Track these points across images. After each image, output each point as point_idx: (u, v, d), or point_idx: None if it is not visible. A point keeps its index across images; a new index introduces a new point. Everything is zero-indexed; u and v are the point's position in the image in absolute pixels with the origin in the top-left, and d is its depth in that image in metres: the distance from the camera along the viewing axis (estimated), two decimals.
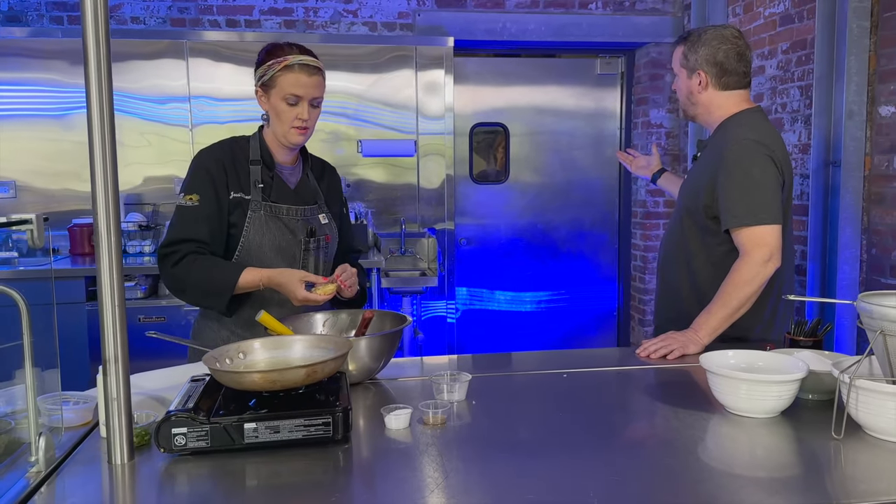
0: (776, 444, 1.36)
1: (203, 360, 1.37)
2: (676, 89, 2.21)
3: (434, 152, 4.24)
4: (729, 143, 2.02)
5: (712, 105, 2.12)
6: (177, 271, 1.79)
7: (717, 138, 2.11)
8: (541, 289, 4.85)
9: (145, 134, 3.97)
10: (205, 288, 1.79)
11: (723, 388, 1.46)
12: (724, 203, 1.98)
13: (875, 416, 1.30)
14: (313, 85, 1.85)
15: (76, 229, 3.80)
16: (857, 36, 2.96)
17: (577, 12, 4.35)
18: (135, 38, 3.93)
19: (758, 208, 1.93)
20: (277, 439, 1.29)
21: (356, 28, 4.20)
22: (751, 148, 1.98)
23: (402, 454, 1.32)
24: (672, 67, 2.21)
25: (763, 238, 1.92)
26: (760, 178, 1.96)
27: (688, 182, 2.21)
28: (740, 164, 1.97)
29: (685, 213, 2.15)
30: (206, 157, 1.88)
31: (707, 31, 2.10)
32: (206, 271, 1.80)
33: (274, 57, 1.84)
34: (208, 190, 1.83)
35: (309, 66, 1.84)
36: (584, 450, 1.34)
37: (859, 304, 1.35)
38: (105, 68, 1.25)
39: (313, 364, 1.30)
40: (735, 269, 1.94)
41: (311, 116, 1.87)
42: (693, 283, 2.13)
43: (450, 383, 1.57)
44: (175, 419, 1.26)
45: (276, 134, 1.88)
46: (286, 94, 1.82)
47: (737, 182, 1.96)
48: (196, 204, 1.81)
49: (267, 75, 1.83)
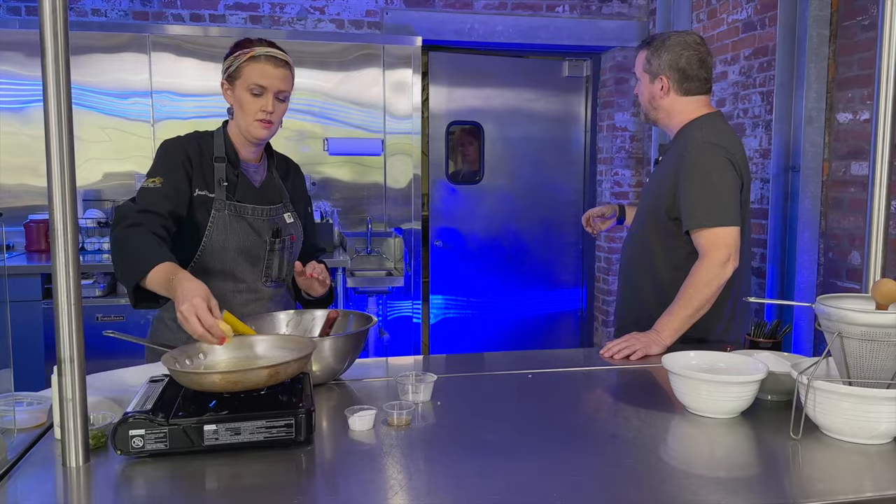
0: (736, 444, 1.38)
1: (162, 360, 1.34)
2: (639, 93, 2.22)
3: (401, 151, 4.23)
4: (688, 146, 2.04)
5: (673, 110, 2.14)
6: (120, 234, 1.65)
7: (677, 142, 2.13)
8: (511, 289, 4.86)
9: (105, 129, 3.89)
10: (125, 262, 1.62)
11: (684, 389, 1.48)
12: (684, 205, 2.00)
13: (831, 416, 1.32)
14: (279, 77, 1.81)
15: (32, 225, 3.71)
16: (816, 44, 3.02)
17: (545, 15, 4.37)
18: (95, 30, 3.85)
19: (716, 210, 1.96)
20: (238, 441, 1.26)
21: (323, 25, 4.17)
22: (710, 151, 2.01)
23: (366, 455, 1.31)
24: (635, 71, 2.22)
25: (722, 239, 1.94)
26: (719, 181, 1.98)
27: (649, 185, 2.23)
28: (699, 167, 1.99)
29: (647, 215, 2.18)
30: (173, 147, 1.83)
31: (670, 37, 2.12)
32: (137, 245, 1.62)
33: (241, 48, 1.82)
34: (173, 176, 1.78)
35: (276, 58, 1.81)
36: (548, 450, 1.34)
37: (818, 306, 1.38)
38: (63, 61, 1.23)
39: (276, 365, 1.29)
40: (695, 271, 1.96)
41: (277, 110, 1.83)
42: (655, 284, 2.15)
43: (415, 384, 1.56)
44: (133, 420, 1.23)
45: (240, 127, 1.84)
46: (250, 84, 1.79)
47: (696, 184, 1.98)
48: (159, 186, 1.75)
49: (233, 66, 1.80)
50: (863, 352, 1.32)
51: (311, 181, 4.13)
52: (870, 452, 1.31)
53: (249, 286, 1.87)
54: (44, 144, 1.28)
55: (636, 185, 4.61)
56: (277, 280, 1.93)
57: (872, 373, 1.33)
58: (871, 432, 1.30)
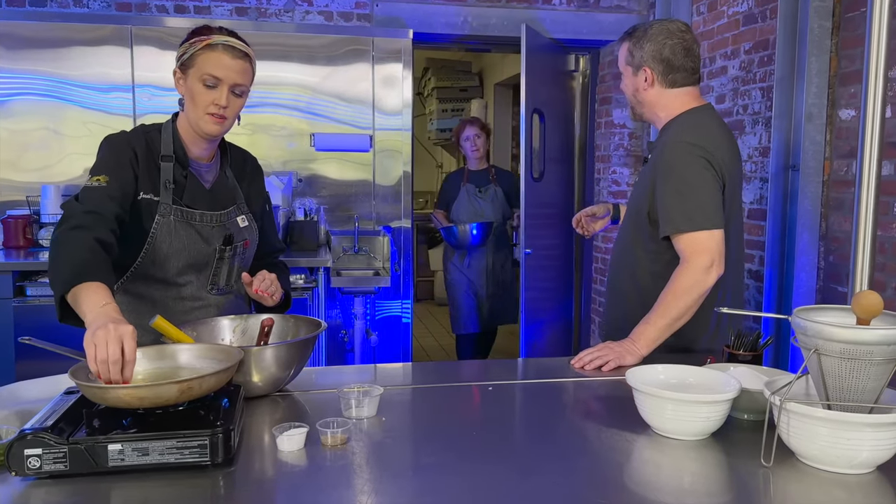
0: (703, 471, 1.25)
1: (69, 373, 1.22)
2: (624, 89, 2.08)
3: (391, 148, 4.11)
4: (665, 145, 1.92)
5: (658, 104, 2.00)
6: (62, 236, 1.48)
7: (660, 140, 2.00)
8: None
9: (87, 123, 3.79)
10: (56, 269, 1.44)
11: (648, 408, 1.35)
12: (661, 209, 1.88)
13: (807, 442, 1.19)
14: (237, 69, 1.67)
15: (10, 221, 3.61)
16: (818, 36, 2.87)
17: (541, 7, 4.23)
18: (77, 22, 3.75)
19: (695, 213, 1.83)
20: (146, 463, 1.15)
21: (311, 17, 4.05)
22: (685, 150, 1.87)
23: (292, 479, 1.20)
24: (619, 66, 2.08)
25: (703, 244, 1.81)
26: (696, 182, 1.85)
27: (635, 187, 2.11)
28: (675, 168, 1.87)
29: (630, 218, 2.05)
30: (118, 142, 1.68)
31: (653, 26, 1.97)
32: (75, 254, 1.44)
33: (197, 35, 1.67)
34: (119, 175, 1.63)
35: (234, 49, 1.67)
36: (492, 476, 1.21)
37: (794, 319, 1.24)
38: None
39: (189, 380, 1.17)
40: (675, 278, 1.83)
41: (231, 105, 1.68)
42: (638, 291, 2.02)
43: (359, 398, 1.44)
44: (29, 439, 1.12)
45: (190, 121, 1.69)
46: (204, 74, 1.64)
47: (672, 187, 1.86)
48: (104, 185, 1.60)
49: (187, 54, 1.65)
50: (842, 371, 1.18)
51: (298, 178, 4.02)
52: (850, 483, 1.17)
53: (194, 294, 1.74)
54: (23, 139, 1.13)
55: (634, 183, 4.46)
56: (225, 288, 1.81)
57: (853, 394, 1.20)
58: (850, 461, 1.17)
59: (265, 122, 3.92)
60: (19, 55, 3.71)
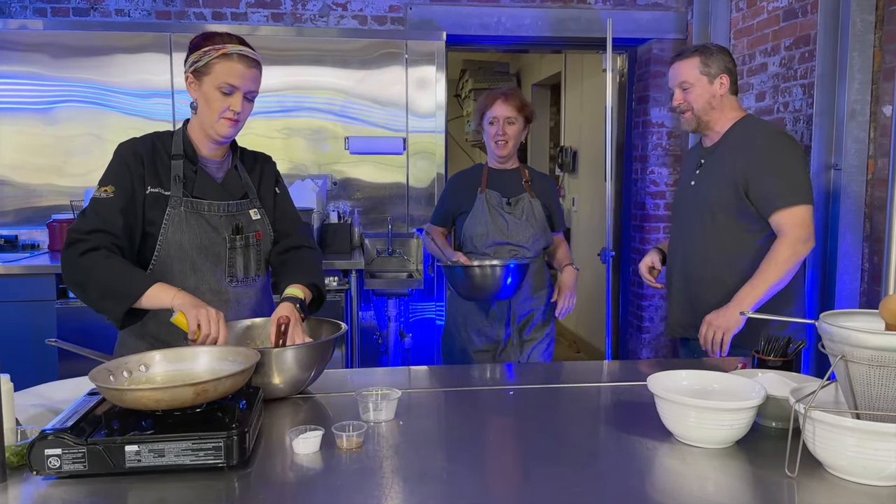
0: (727, 481, 1.22)
1: (90, 375, 1.25)
2: (687, 100, 2.25)
3: (424, 150, 4.11)
4: (758, 136, 2.17)
5: (727, 108, 2.24)
6: (84, 261, 1.62)
7: (733, 138, 2.22)
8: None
9: (128, 129, 3.86)
10: (106, 289, 1.61)
11: (671, 415, 1.32)
12: (764, 189, 2.10)
13: (834, 452, 1.15)
14: (250, 77, 1.75)
15: (55, 225, 3.72)
16: (860, 31, 2.77)
17: (576, 6, 4.19)
18: (118, 31, 3.85)
19: (796, 189, 2.08)
20: (162, 464, 1.16)
21: (346, 22, 4.08)
22: (780, 139, 2.16)
23: (305, 484, 1.20)
24: (683, 80, 2.25)
25: (802, 218, 2.06)
26: (794, 164, 2.11)
27: (706, 184, 2.25)
28: (773, 152, 2.12)
29: (717, 210, 2.20)
30: (125, 149, 1.76)
31: (707, 45, 2.28)
32: (113, 272, 1.62)
33: (211, 43, 1.73)
34: (125, 183, 1.71)
35: (247, 58, 1.74)
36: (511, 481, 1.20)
37: (820, 324, 1.20)
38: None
39: (204, 382, 1.18)
40: (776, 248, 2.05)
41: (244, 110, 1.75)
42: (732, 275, 2.17)
43: (376, 401, 1.44)
44: (50, 439, 1.15)
45: (204, 125, 1.76)
46: (221, 82, 1.71)
47: (775, 168, 2.10)
48: (111, 196, 1.68)
49: (202, 61, 1.71)
50: (871, 379, 1.14)
51: (332, 181, 4.05)
52: (879, 495, 1.13)
53: (212, 287, 1.78)
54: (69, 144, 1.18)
55: (673, 183, 4.38)
56: (244, 280, 1.83)
57: (884, 403, 1.15)
58: (879, 473, 1.12)
59: (300, 126, 3.95)
60: (64, 64, 3.81)
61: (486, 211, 2.65)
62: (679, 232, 2.37)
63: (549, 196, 2.76)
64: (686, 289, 2.31)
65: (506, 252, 2.62)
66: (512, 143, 2.66)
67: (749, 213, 2.15)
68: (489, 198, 2.67)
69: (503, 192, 2.68)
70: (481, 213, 2.65)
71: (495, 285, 2.46)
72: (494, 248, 2.63)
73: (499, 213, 2.65)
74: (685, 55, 2.27)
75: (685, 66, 2.25)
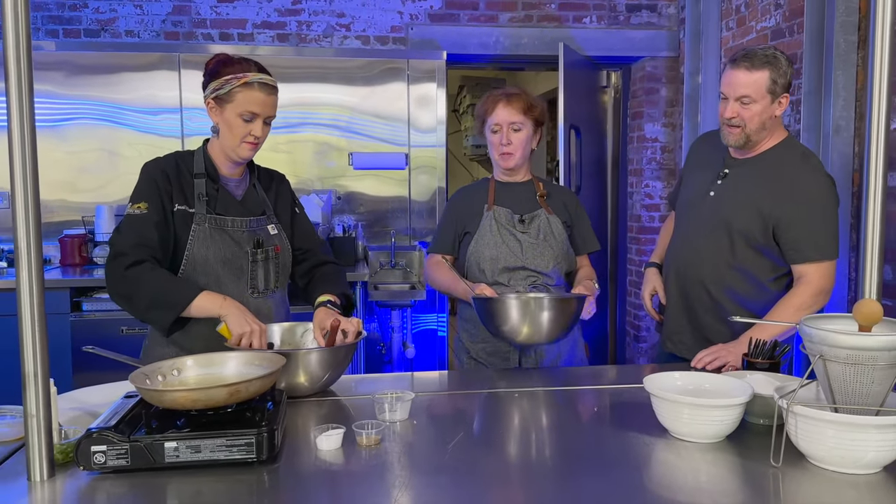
0: (717, 472, 1.32)
1: (130, 378, 1.35)
2: (743, 116, 2.00)
3: (426, 165, 4.23)
4: (802, 174, 2.02)
5: (776, 127, 2.07)
6: (130, 274, 1.74)
7: (772, 161, 2.06)
8: None
9: (137, 145, 3.99)
10: (154, 300, 1.75)
11: (665, 412, 1.42)
12: (797, 235, 1.99)
13: (815, 443, 1.25)
14: (270, 104, 1.87)
15: (67, 240, 3.82)
16: (844, 51, 2.91)
17: (571, 26, 4.33)
18: (128, 51, 3.97)
19: (832, 243, 1.99)
20: (199, 459, 1.27)
21: (349, 42, 4.21)
22: (827, 183, 2.02)
23: (330, 476, 1.30)
24: (743, 94, 1.99)
25: (829, 272, 1.99)
26: (833, 215, 2.01)
27: (729, 201, 2.09)
28: (820, 200, 2.00)
29: (737, 237, 2.07)
30: (152, 168, 1.87)
31: (779, 54, 2.01)
32: (160, 283, 1.77)
33: (232, 72, 1.83)
34: (156, 199, 1.82)
35: (267, 85, 1.85)
36: (517, 474, 1.30)
37: (801, 327, 1.31)
38: (26, 75, 1.22)
39: (237, 383, 1.29)
40: (798, 293, 1.97)
41: (263, 133, 1.87)
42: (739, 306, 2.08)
43: (391, 402, 1.54)
44: (95, 437, 1.25)
45: (226, 147, 1.87)
46: (243, 110, 1.82)
47: (813, 217, 1.99)
48: (145, 212, 1.80)
49: (223, 89, 1.82)
50: (847, 376, 1.25)
51: (337, 195, 4.16)
52: (858, 483, 1.23)
53: (235, 298, 1.88)
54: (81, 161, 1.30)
55: (667, 196, 4.50)
56: (265, 292, 1.94)
57: (859, 398, 1.26)
58: (856, 461, 1.23)
59: (306, 142, 4.08)
60: (75, 82, 3.93)
61: (495, 231, 2.25)
62: (684, 240, 2.20)
63: (570, 212, 2.36)
64: (680, 302, 2.20)
65: (522, 279, 2.22)
66: (520, 153, 2.27)
67: (771, 251, 2.04)
68: (497, 215, 2.27)
69: (514, 209, 2.29)
70: (489, 234, 2.25)
71: (549, 322, 1.97)
72: (508, 274, 2.22)
73: (510, 233, 2.25)
74: (755, 64, 1.97)
75: (753, 78, 1.96)
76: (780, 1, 3.40)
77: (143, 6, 4.06)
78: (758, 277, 2.08)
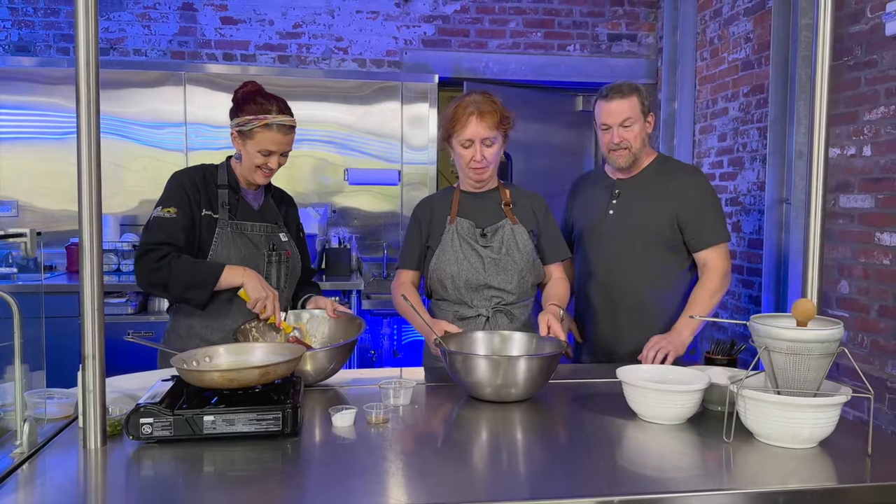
0: (680, 448, 1.52)
1: (172, 361, 1.55)
2: (627, 138, 2.27)
3: (417, 181, 4.45)
4: (689, 174, 2.39)
5: (648, 148, 2.40)
6: (163, 264, 1.93)
7: (658, 173, 2.37)
8: None
9: (142, 158, 4.18)
10: (189, 282, 1.95)
11: (635, 398, 1.64)
12: (698, 226, 2.30)
13: (761, 422, 1.47)
14: (287, 142, 2.07)
15: (73, 248, 3.99)
16: (805, 83, 3.17)
17: (556, 53, 4.59)
18: (136, 69, 4.17)
19: (724, 227, 2.33)
20: (233, 431, 1.46)
21: (346, 64, 4.44)
22: (705, 178, 2.41)
23: (345, 447, 1.50)
24: (624, 118, 2.24)
25: (726, 254, 2.30)
26: (720, 204, 2.38)
27: (633, 214, 2.33)
28: (708, 191, 2.35)
29: (650, 240, 2.32)
30: (182, 176, 2.08)
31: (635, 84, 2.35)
32: (189, 266, 1.96)
33: (255, 112, 2.01)
34: (185, 205, 2.02)
35: (286, 126, 2.04)
36: (506, 448, 1.51)
37: (751, 324, 1.53)
38: (94, 93, 1.43)
39: (267, 365, 1.49)
40: (707, 280, 2.26)
41: (279, 164, 2.09)
42: (660, 300, 2.34)
43: (396, 389, 1.74)
44: (144, 410, 1.44)
45: (244, 171, 2.10)
46: (262, 148, 2.03)
47: (710, 206, 2.32)
48: (174, 216, 1.99)
49: (246, 127, 2.01)
50: (788, 364, 1.47)
51: (333, 209, 4.37)
52: (797, 456, 1.45)
53: None
54: None
55: None
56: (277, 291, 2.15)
57: (798, 384, 1.48)
58: (795, 437, 1.45)
59: (304, 157, 4.29)
60: None
61: (457, 246, 2.18)
62: (598, 261, 2.39)
63: (536, 219, 2.26)
64: (613, 318, 2.37)
65: (485, 299, 2.16)
66: (493, 166, 2.19)
67: (676, 246, 2.33)
68: (460, 229, 2.20)
69: (477, 221, 2.21)
70: (451, 250, 2.18)
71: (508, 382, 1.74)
72: (471, 293, 2.17)
73: (472, 249, 2.18)
74: (625, 93, 2.27)
75: (628, 103, 2.26)
76: (750, 35, 3.68)
77: (150, 26, 4.27)
78: (672, 269, 2.36)
